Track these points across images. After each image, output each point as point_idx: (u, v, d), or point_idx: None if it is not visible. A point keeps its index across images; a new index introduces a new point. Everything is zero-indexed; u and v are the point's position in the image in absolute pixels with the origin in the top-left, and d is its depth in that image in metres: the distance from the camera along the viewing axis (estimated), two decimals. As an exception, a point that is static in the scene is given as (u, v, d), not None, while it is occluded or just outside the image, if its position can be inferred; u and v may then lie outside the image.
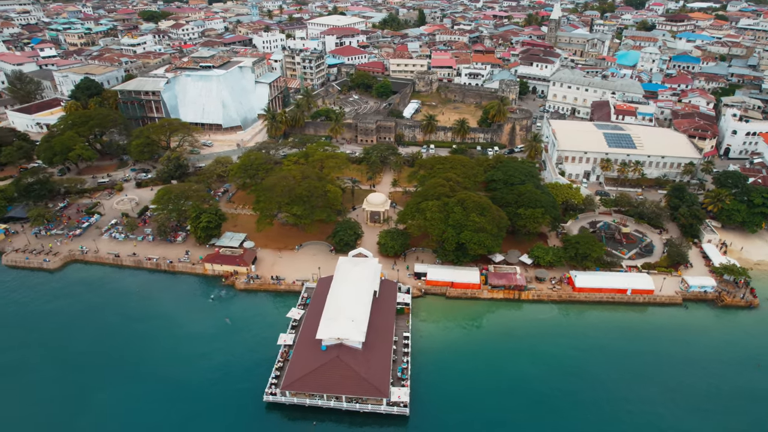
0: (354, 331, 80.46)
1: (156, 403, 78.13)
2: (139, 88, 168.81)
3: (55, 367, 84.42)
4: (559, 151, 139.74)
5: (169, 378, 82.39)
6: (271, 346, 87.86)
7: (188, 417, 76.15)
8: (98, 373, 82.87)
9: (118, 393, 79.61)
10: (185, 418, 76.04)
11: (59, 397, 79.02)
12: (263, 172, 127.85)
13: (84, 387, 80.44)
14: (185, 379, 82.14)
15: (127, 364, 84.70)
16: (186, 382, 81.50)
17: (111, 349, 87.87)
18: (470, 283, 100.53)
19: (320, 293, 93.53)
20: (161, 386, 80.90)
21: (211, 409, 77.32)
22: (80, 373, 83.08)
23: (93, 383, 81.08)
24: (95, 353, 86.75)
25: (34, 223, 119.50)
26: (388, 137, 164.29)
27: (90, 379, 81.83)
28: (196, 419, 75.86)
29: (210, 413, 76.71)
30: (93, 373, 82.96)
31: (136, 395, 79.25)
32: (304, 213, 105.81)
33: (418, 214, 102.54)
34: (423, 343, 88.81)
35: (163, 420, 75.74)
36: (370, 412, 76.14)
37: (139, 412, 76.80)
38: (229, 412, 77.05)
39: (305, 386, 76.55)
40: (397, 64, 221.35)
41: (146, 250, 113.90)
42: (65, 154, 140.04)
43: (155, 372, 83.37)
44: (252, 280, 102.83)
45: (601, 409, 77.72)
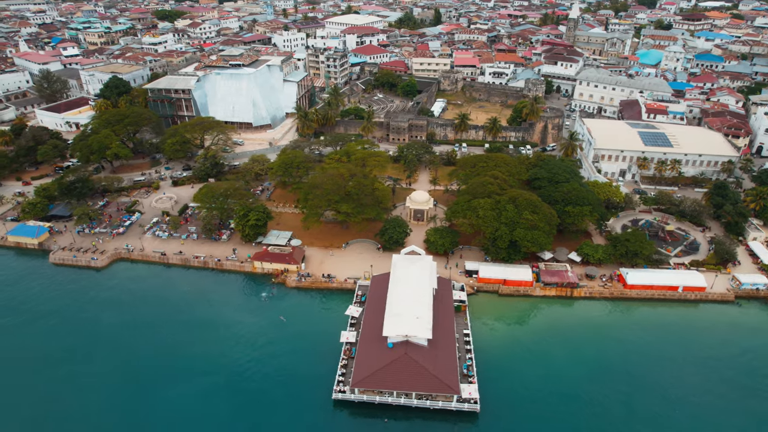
0: (420, 328, 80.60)
1: (224, 402, 78.05)
2: (170, 86, 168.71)
3: (119, 365, 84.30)
4: (596, 150, 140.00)
5: (235, 376, 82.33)
6: (331, 343, 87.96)
7: (256, 415, 76.04)
8: (164, 372, 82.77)
9: (187, 391, 79.41)
10: (254, 416, 75.92)
11: (127, 397, 79.07)
12: (304, 170, 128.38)
13: (151, 386, 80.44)
14: (250, 377, 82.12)
15: (192, 363, 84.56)
16: (251, 381, 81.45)
17: (172, 347, 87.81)
18: (523, 281, 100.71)
19: (377, 291, 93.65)
20: (228, 384, 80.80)
21: (279, 407, 77.31)
22: (147, 371, 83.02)
23: (161, 381, 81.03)
24: (159, 352, 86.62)
25: (78, 221, 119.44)
26: (420, 136, 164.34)
27: (158, 377, 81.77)
28: (264, 417, 75.79)
29: (278, 411, 76.68)
30: (159, 371, 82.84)
31: (204, 393, 79.10)
32: (354, 211, 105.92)
33: (470, 211, 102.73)
34: (483, 339, 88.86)
35: (233, 418, 75.69)
36: (440, 409, 76.36)
37: (209, 410, 76.72)
38: (297, 410, 77.00)
39: (374, 383, 76.65)
40: (420, 63, 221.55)
41: (191, 248, 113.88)
42: (102, 152, 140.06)
43: (220, 370, 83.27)
44: (303, 278, 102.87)
45: (662, 407, 78.00)
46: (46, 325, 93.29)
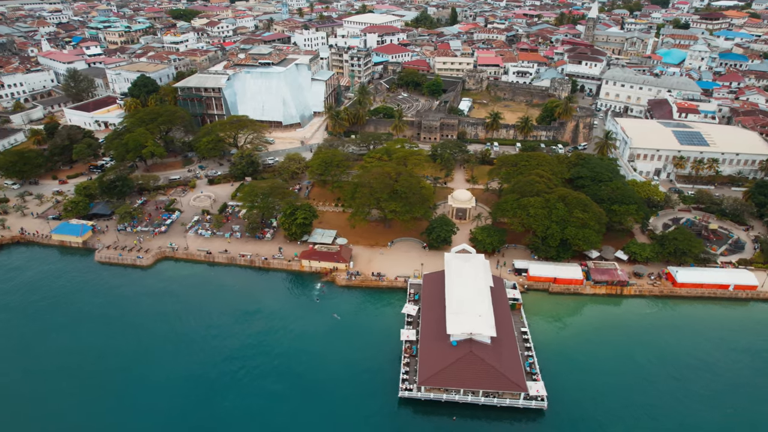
0: (484, 326, 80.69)
1: (289, 400, 77.98)
2: (200, 84, 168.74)
3: (183, 366, 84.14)
4: (632, 149, 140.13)
5: (296, 374, 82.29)
6: (388, 341, 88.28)
7: (322, 413, 76.02)
8: (227, 372, 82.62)
9: (251, 391, 79.31)
10: (319, 414, 75.90)
11: (195, 398, 78.94)
12: (343, 168, 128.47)
13: (216, 386, 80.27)
14: (312, 375, 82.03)
15: (253, 361, 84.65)
16: (314, 379, 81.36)
17: (232, 346, 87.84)
18: (573, 279, 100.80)
19: (432, 289, 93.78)
20: (291, 383, 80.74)
21: (344, 405, 77.29)
22: (209, 371, 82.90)
23: (225, 381, 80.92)
24: (220, 352, 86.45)
25: (120, 220, 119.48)
26: (451, 135, 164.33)
27: (222, 377, 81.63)
28: (330, 415, 75.76)
29: (343, 409, 76.65)
30: (223, 371, 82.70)
31: (269, 393, 78.99)
32: (402, 209, 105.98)
33: (520, 210, 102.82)
34: (540, 337, 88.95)
35: (299, 417, 75.66)
36: (507, 407, 76.46)
37: (276, 409, 76.71)
38: (363, 408, 77.01)
39: (441, 381, 76.75)
40: (443, 62, 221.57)
41: (235, 247, 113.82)
42: (138, 150, 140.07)
43: (281, 368, 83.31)
44: (353, 276, 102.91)
45: (723, 405, 78.21)
46: (102, 324, 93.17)
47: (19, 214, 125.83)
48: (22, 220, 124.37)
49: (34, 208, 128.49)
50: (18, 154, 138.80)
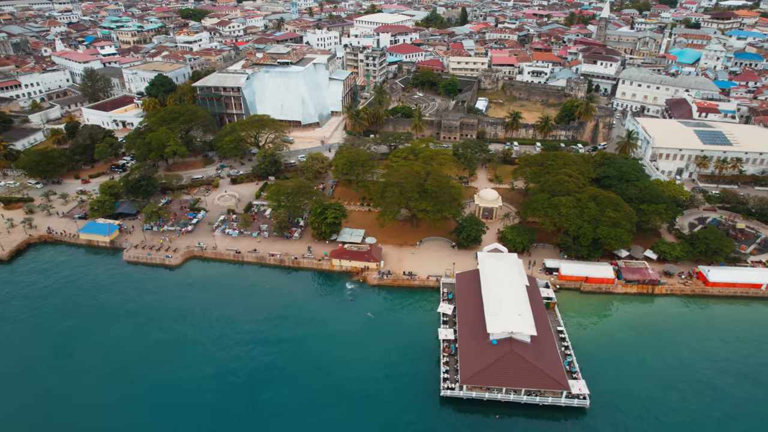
0: (524, 325, 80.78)
1: (330, 397, 78.13)
2: (219, 84, 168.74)
3: (222, 365, 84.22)
4: (654, 149, 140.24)
5: (333, 372, 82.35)
6: (425, 340, 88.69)
7: (362, 412, 76.07)
8: (265, 371, 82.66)
9: (290, 390, 79.39)
10: (359, 413, 75.95)
11: (236, 397, 79.05)
12: (368, 168, 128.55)
13: (255, 385, 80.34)
14: (351, 374, 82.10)
15: (291, 360, 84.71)
16: (352, 377, 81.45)
17: (268, 345, 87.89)
18: (605, 278, 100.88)
19: (466, 288, 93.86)
20: (331, 380, 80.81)
21: (386, 403, 77.34)
22: (246, 370, 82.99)
23: (263, 380, 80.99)
24: (256, 351, 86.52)
25: (147, 219, 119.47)
26: (471, 134, 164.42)
27: (259, 376, 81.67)
28: (372, 413, 75.84)
29: (385, 408, 76.66)
30: (259, 370, 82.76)
31: (309, 391, 79.07)
32: (433, 208, 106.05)
33: (551, 209, 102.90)
34: (576, 336, 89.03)
35: (338, 414, 75.71)
36: (549, 405, 76.57)
37: (317, 407, 76.81)
38: (405, 407, 77.07)
39: (483, 380, 76.83)
40: (458, 62, 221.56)
41: (264, 246, 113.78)
42: (161, 150, 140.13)
43: (320, 366, 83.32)
44: (384, 275, 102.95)
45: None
46: (137, 323, 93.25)
47: (44, 214, 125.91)
48: (48, 219, 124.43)
49: (59, 208, 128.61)
50: (41, 153, 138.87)
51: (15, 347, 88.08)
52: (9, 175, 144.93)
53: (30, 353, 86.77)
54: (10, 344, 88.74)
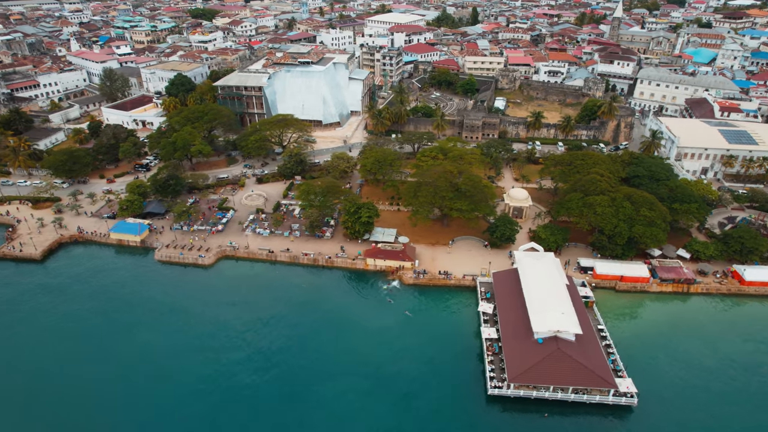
0: (569, 324, 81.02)
1: (378, 395, 78.33)
2: (241, 83, 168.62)
3: (267, 364, 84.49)
4: (680, 148, 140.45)
5: (377, 370, 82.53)
6: (465, 339, 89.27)
7: (409, 410, 76.23)
8: (309, 371, 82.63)
9: (337, 389, 79.47)
10: (406, 411, 76.08)
11: (285, 396, 79.39)
12: (396, 167, 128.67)
13: (301, 385, 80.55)
14: (395, 372, 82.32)
15: (334, 359, 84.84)
16: (396, 376, 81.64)
17: (310, 343, 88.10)
18: (640, 277, 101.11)
19: (505, 287, 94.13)
20: (378, 379, 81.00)
21: (432, 402, 77.48)
22: (290, 370, 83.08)
23: (308, 380, 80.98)
24: (299, 351, 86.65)
25: (177, 219, 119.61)
26: (492, 134, 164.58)
27: (304, 376, 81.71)
28: (419, 413, 75.99)
29: (432, 407, 76.83)
30: (304, 370, 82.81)
31: (356, 389, 79.22)
32: (468, 207, 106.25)
33: (586, 208, 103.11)
34: (616, 335, 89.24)
35: (385, 412, 75.91)
36: (596, 403, 76.78)
37: (366, 405, 77.04)
38: (451, 406, 77.27)
39: (531, 378, 77.07)
40: (473, 61, 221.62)
41: (296, 245, 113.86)
42: (186, 149, 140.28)
43: (366, 365, 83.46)
44: (420, 275, 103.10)
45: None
46: (175, 323, 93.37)
47: (73, 213, 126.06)
48: (77, 218, 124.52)
49: (87, 207, 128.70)
50: (67, 153, 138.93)
51: (53, 346, 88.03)
52: (34, 174, 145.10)
53: (68, 353, 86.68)
54: (47, 343, 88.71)
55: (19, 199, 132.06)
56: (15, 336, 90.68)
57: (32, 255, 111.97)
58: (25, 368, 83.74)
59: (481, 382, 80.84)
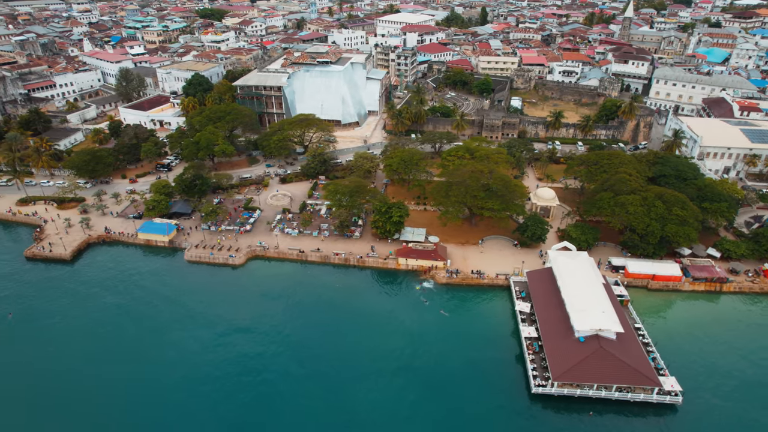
0: (610, 322, 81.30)
1: (414, 393, 78.61)
2: (260, 83, 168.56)
3: (310, 364, 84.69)
4: (702, 147, 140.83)
5: (418, 369, 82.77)
6: (503, 338, 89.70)
7: (453, 409, 76.39)
8: (350, 371, 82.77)
9: (377, 387, 79.77)
10: (449, 410, 76.27)
11: (330, 395, 79.57)
12: (422, 167, 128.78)
13: (345, 384, 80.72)
14: (435, 371, 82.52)
15: (374, 357, 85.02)
16: (437, 375, 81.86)
17: (348, 343, 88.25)
18: (672, 276, 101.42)
19: (541, 286, 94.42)
20: (414, 377, 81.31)
21: (476, 401, 77.61)
22: (333, 369, 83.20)
23: (350, 379, 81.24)
24: (340, 351, 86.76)
25: (205, 218, 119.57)
26: (512, 133, 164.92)
27: (346, 375, 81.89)
28: (462, 411, 76.16)
29: (475, 405, 76.98)
30: (346, 369, 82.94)
31: (397, 389, 79.45)
32: (500, 207, 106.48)
33: (618, 207, 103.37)
34: (653, 333, 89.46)
35: (429, 410, 76.12)
36: (640, 402, 77.02)
37: (408, 404, 77.25)
38: (495, 404, 77.54)
39: (574, 377, 77.29)
40: (487, 61, 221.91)
41: (326, 245, 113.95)
42: (210, 149, 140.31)
43: (405, 363, 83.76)
44: (453, 274, 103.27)
45: None
46: (211, 323, 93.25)
47: (99, 213, 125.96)
48: (102, 219, 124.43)
49: (112, 207, 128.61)
50: (90, 153, 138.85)
51: (87, 346, 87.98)
52: (56, 175, 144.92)
53: (103, 353, 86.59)
54: (81, 343, 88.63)
55: (44, 200, 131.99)
56: (50, 336, 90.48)
57: (62, 255, 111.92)
58: (59, 368, 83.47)
59: (523, 381, 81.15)
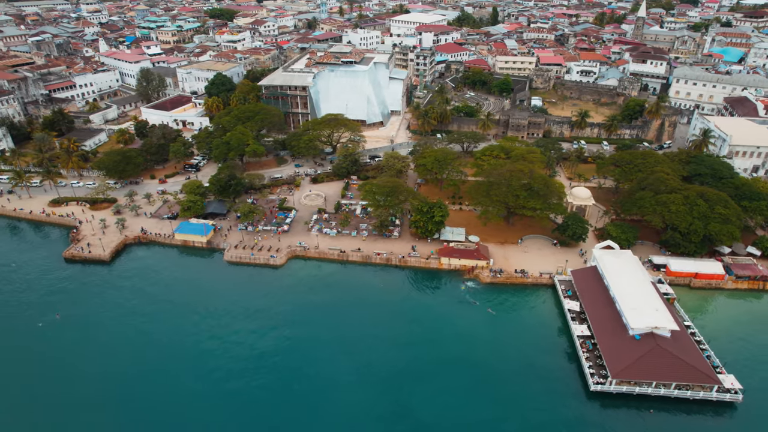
0: (665, 320, 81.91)
1: (473, 391, 78.94)
2: (286, 83, 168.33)
3: (365, 363, 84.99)
4: (731, 146, 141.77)
5: (475, 366, 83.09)
6: (553, 336, 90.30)
7: (511, 407, 76.80)
8: (406, 369, 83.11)
9: (436, 384, 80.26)
10: (508, 407, 76.76)
11: (391, 392, 79.93)
12: (456, 166, 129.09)
13: (402, 383, 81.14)
14: (490, 368, 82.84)
15: (427, 355, 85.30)
16: (493, 372, 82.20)
17: (404, 343, 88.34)
18: (715, 274, 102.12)
19: (588, 285, 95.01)
20: (470, 374, 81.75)
21: (534, 399, 78.05)
22: (387, 368, 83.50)
23: (406, 377, 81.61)
24: (395, 346, 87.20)
25: (243, 219, 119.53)
26: (537, 133, 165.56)
27: (401, 374, 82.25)
28: (521, 409, 76.55)
29: (534, 403, 77.40)
30: (399, 369, 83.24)
31: (455, 387, 79.78)
32: (542, 207, 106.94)
33: (660, 206, 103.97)
34: (704, 331, 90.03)
35: (488, 407, 76.52)
36: (699, 400, 77.56)
37: (466, 400, 77.61)
38: (554, 402, 77.91)
39: (633, 374, 77.75)
40: (505, 61, 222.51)
41: (365, 245, 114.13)
42: (241, 149, 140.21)
43: (456, 360, 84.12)
44: (497, 274, 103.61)
45: None
46: (259, 323, 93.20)
47: (132, 214, 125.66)
48: (136, 219, 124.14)
49: (145, 208, 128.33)
50: (121, 153, 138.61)
51: (136, 348, 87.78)
52: (85, 176, 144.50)
53: (151, 355, 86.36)
54: (129, 345, 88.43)
55: (76, 200, 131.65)
56: (97, 336, 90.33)
57: (101, 256, 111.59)
58: (109, 370, 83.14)
59: (578, 378, 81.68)
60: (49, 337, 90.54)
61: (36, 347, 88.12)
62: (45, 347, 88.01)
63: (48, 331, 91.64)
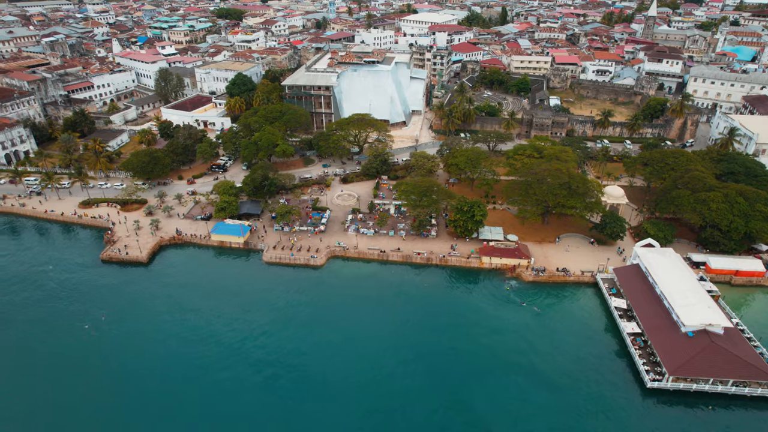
0: (718, 317, 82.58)
1: (528, 389, 79.38)
2: (310, 83, 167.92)
3: (419, 362, 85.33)
4: (758, 144, 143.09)
5: (528, 365, 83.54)
6: (602, 333, 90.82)
7: (568, 404, 77.16)
8: (460, 369, 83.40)
9: (498, 384, 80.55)
10: (564, 403, 77.14)
11: (426, 387, 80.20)
12: (489, 166, 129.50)
13: (458, 380, 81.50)
14: (545, 367, 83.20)
15: (482, 355, 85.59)
16: (547, 370, 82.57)
17: (455, 341, 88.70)
18: (756, 272, 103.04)
19: (632, 283, 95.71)
20: (525, 372, 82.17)
21: (590, 396, 78.48)
22: (442, 366, 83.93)
23: (462, 376, 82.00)
24: (445, 349, 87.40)
25: (279, 219, 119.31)
26: (560, 132, 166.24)
27: (458, 371, 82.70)
28: (577, 405, 77.12)
29: (591, 401, 77.82)
30: (454, 368, 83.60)
31: (512, 386, 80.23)
32: (582, 206, 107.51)
33: (699, 204, 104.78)
34: (751, 328, 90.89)
35: (546, 404, 76.91)
36: (757, 396, 78.26)
37: (523, 398, 78.02)
38: (608, 399, 78.34)
39: (690, 371, 78.37)
40: (520, 61, 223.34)
41: (405, 244, 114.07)
42: (271, 149, 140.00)
43: (511, 359, 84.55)
44: (539, 272, 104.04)
45: None
46: (307, 323, 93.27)
47: (164, 215, 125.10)
48: (169, 220, 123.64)
49: (176, 209, 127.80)
50: (149, 154, 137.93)
51: (181, 350, 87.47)
52: (111, 177, 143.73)
53: (197, 357, 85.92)
54: (173, 347, 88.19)
55: (107, 202, 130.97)
56: (142, 338, 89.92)
57: (138, 258, 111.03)
58: (157, 374, 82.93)
59: (632, 376, 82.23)
60: (96, 338, 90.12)
61: (85, 348, 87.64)
62: (93, 349, 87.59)
63: (94, 333, 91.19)
